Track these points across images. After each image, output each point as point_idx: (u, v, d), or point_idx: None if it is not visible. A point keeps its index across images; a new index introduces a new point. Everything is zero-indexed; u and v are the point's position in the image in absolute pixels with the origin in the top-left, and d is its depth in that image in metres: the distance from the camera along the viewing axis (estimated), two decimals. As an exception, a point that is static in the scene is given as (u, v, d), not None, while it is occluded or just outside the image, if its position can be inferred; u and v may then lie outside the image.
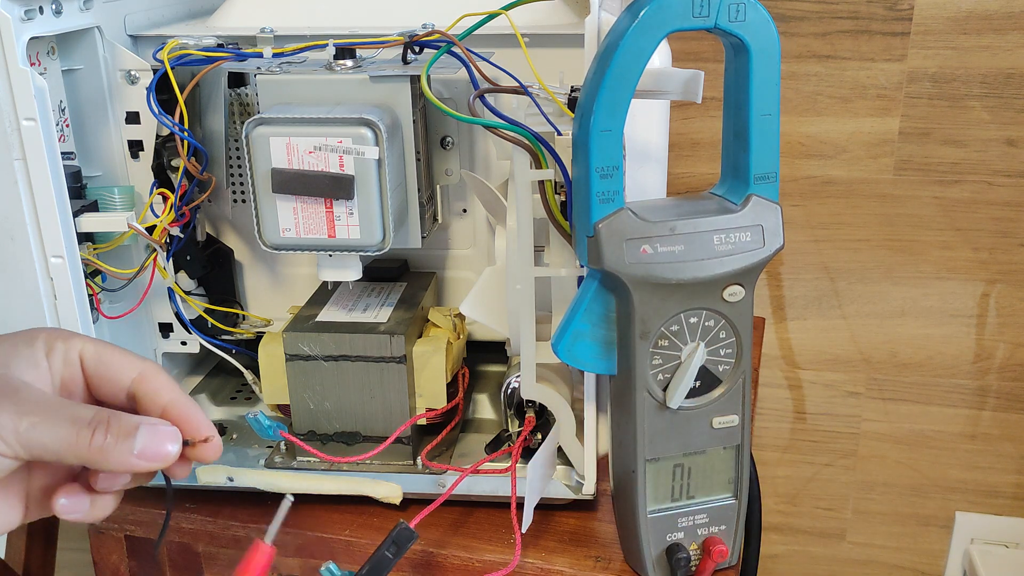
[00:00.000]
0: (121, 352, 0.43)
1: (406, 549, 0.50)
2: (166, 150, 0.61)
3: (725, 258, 0.49)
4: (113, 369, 0.42)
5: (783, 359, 1.11)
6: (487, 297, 0.58)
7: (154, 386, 0.42)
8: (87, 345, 0.43)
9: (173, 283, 0.64)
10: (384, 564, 0.49)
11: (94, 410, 0.39)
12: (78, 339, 0.43)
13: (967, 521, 1.13)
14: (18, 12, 0.50)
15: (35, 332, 0.42)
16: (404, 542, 0.50)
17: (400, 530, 0.50)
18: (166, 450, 0.40)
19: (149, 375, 0.42)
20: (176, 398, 0.42)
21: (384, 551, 0.49)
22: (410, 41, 0.56)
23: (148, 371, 0.42)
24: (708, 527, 0.55)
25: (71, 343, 0.42)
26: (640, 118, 0.58)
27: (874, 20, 0.96)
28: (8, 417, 0.37)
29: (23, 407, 0.38)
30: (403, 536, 0.50)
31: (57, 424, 0.38)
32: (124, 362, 0.42)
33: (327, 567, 0.49)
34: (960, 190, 1.00)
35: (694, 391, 0.52)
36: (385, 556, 0.49)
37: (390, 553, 0.49)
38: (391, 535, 0.50)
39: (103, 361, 0.42)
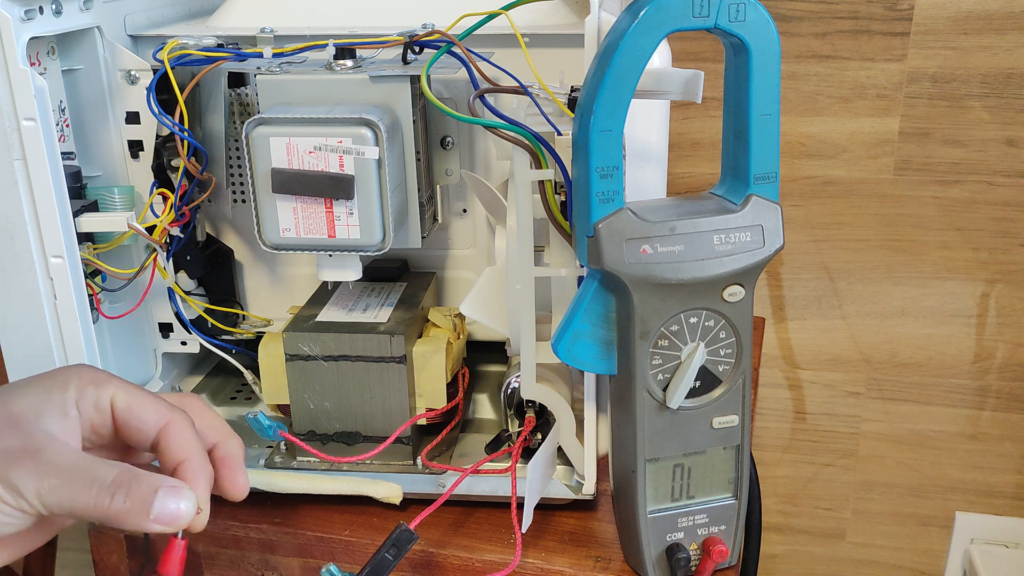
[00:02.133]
0: (152, 400, 0.44)
1: (406, 551, 0.50)
2: (166, 150, 0.61)
3: (725, 258, 0.49)
4: (141, 418, 0.44)
5: (783, 359, 1.11)
6: (487, 297, 0.58)
7: (177, 441, 0.44)
8: (119, 392, 0.44)
9: (173, 283, 0.64)
10: (384, 566, 0.49)
11: (115, 471, 0.40)
12: (111, 385, 0.44)
13: (967, 521, 1.13)
14: (18, 12, 0.50)
15: (68, 376, 0.44)
16: (404, 544, 0.50)
17: (400, 532, 0.50)
18: (181, 517, 0.41)
19: (174, 428, 0.44)
20: (191, 458, 0.43)
21: (384, 553, 0.49)
22: (410, 41, 0.56)
23: (174, 423, 0.44)
24: (708, 527, 0.55)
25: (103, 389, 0.43)
26: (640, 118, 0.58)
27: (874, 20, 0.96)
28: (30, 477, 0.39)
29: (45, 467, 0.39)
30: (403, 538, 0.50)
31: (77, 486, 0.39)
32: (152, 412, 0.44)
33: (328, 569, 0.49)
34: (960, 190, 1.00)
35: (694, 391, 0.52)
36: (385, 558, 0.49)
37: (390, 555, 0.49)
38: (391, 537, 0.50)
39: (132, 410, 0.44)
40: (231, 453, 0.47)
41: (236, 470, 0.47)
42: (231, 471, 0.47)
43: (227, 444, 0.47)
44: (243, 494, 0.47)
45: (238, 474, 0.47)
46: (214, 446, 0.47)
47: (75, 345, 0.56)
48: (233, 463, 0.47)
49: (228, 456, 0.47)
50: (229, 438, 0.48)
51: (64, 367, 0.45)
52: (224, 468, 0.47)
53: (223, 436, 0.48)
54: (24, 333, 0.55)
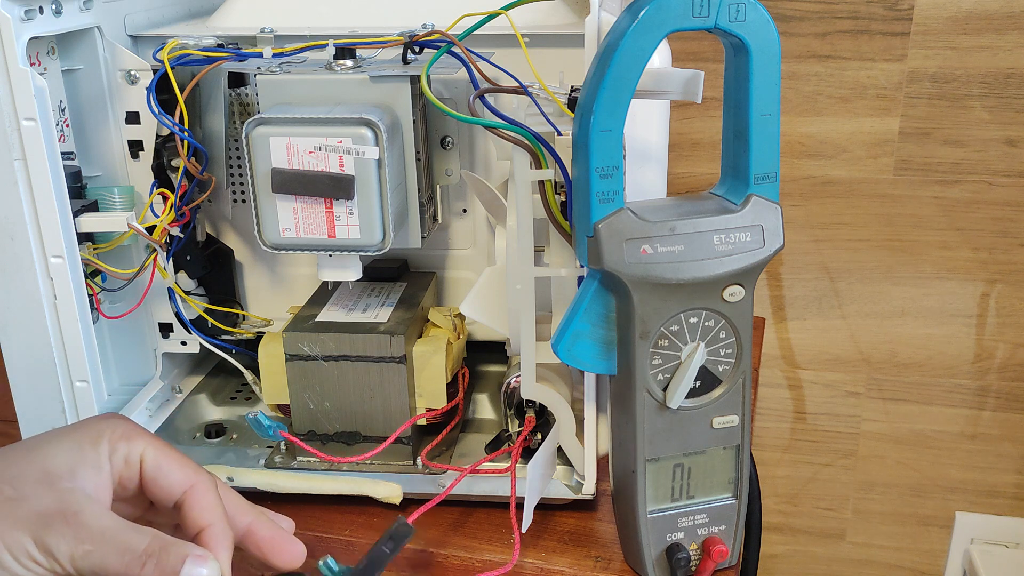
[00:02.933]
0: (179, 461, 0.45)
1: (403, 544, 0.50)
2: (166, 150, 0.61)
3: (725, 258, 0.49)
4: (168, 478, 0.44)
5: (783, 359, 1.11)
6: (487, 297, 0.58)
7: (200, 505, 0.44)
8: (148, 449, 0.44)
9: (173, 283, 0.64)
10: (381, 559, 0.49)
11: (147, 539, 0.41)
12: (140, 440, 0.44)
13: (967, 521, 1.13)
14: (18, 12, 0.50)
15: (101, 429, 0.44)
16: (401, 538, 0.49)
17: (398, 526, 0.50)
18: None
19: (199, 492, 0.44)
20: (214, 524, 0.44)
21: (381, 547, 0.49)
22: (410, 41, 0.56)
23: (199, 487, 0.44)
24: (708, 527, 0.55)
25: (134, 445, 0.44)
26: (640, 118, 0.58)
27: (874, 20, 0.96)
28: (65, 541, 0.39)
29: (81, 532, 0.40)
30: (401, 532, 0.49)
31: (110, 553, 0.40)
32: (179, 473, 0.44)
33: (325, 562, 0.49)
34: (960, 190, 1.00)
35: (694, 391, 0.52)
36: (382, 551, 0.49)
37: (387, 548, 0.49)
38: (389, 531, 0.49)
39: (161, 469, 0.44)
40: (273, 529, 0.47)
41: (288, 541, 0.47)
42: (281, 546, 0.47)
43: (261, 520, 0.47)
44: (302, 559, 0.47)
45: (292, 544, 0.47)
46: (249, 526, 0.47)
47: (75, 345, 0.56)
48: (279, 536, 0.47)
49: (273, 533, 0.47)
50: (260, 515, 0.48)
51: (96, 418, 0.46)
52: (274, 544, 0.47)
53: (254, 514, 0.47)
54: (24, 333, 0.55)
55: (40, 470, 0.41)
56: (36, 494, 0.40)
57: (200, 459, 0.62)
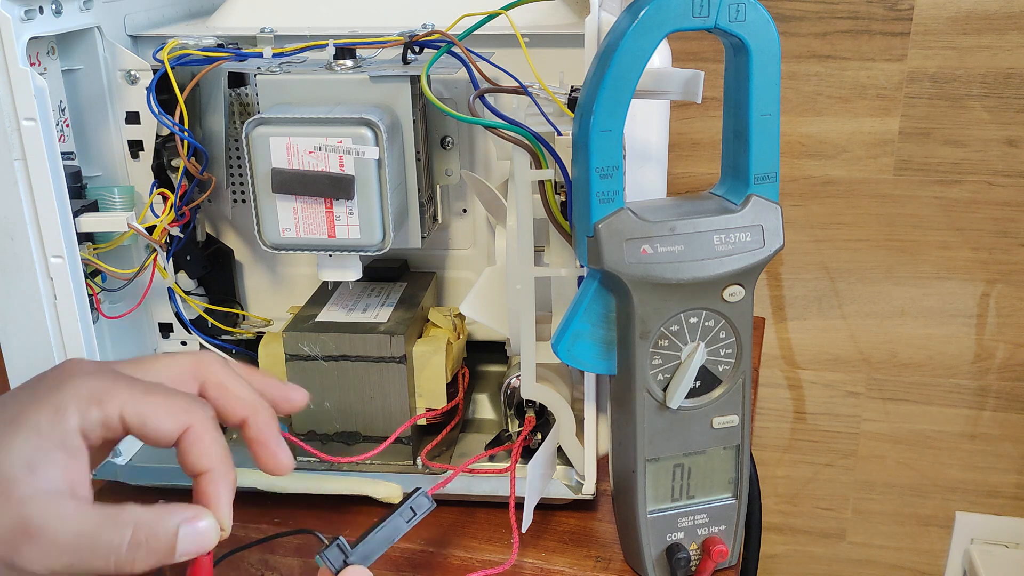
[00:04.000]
0: (165, 405, 0.39)
1: (421, 517, 0.47)
2: (166, 150, 0.61)
3: (725, 258, 0.49)
4: (159, 428, 0.39)
5: (783, 359, 1.11)
6: (487, 297, 0.58)
7: (196, 450, 0.40)
8: (127, 405, 0.38)
9: (173, 283, 0.64)
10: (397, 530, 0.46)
11: (127, 531, 0.37)
12: (116, 397, 0.38)
13: (967, 521, 1.13)
14: (18, 12, 0.50)
15: (63, 398, 0.38)
16: (420, 510, 0.47)
17: (418, 496, 0.46)
18: (206, 544, 0.39)
19: (193, 436, 0.40)
20: (214, 469, 0.40)
21: (399, 516, 0.46)
22: (410, 41, 0.56)
23: (194, 429, 0.40)
24: (708, 527, 0.55)
25: (108, 406, 0.38)
26: (640, 118, 0.58)
27: (874, 20, 0.96)
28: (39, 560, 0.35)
29: (52, 548, 0.36)
30: (420, 504, 0.47)
31: (92, 558, 0.36)
32: (168, 419, 0.39)
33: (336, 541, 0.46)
34: (960, 190, 1.00)
35: (694, 391, 0.52)
36: (400, 522, 0.46)
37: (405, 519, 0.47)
38: (408, 501, 0.46)
39: (148, 423, 0.39)
40: (263, 430, 0.43)
41: (274, 448, 0.43)
42: (267, 450, 0.43)
43: (257, 419, 0.43)
44: (288, 469, 0.43)
45: (277, 451, 0.43)
46: (243, 423, 0.43)
47: (75, 345, 0.56)
48: (268, 441, 0.43)
49: (261, 435, 0.43)
50: (257, 411, 0.43)
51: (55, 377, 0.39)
52: (259, 447, 0.43)
53: (251, 409, 0.43)
54: (24, 333, 0.55)
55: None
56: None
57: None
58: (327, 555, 0.44)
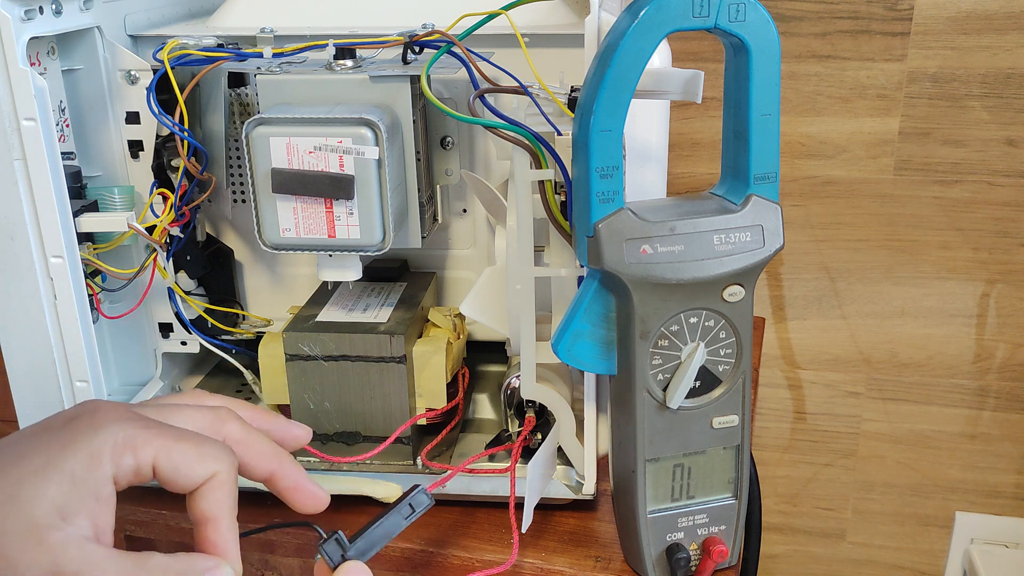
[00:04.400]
0: (196, 452, 0.40)
1: (420, 514, 0.47)
2: (166, 150, 0.61)
3: (725, 258, 0.49)
4: (189, 476, 0.40)
5: (783, 359, 1.11)
6: (487, 297, 0.58)
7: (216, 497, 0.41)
8: (160, 452, 0.39)
9: (173, 283, 0.64)
10: (395, 527, 0.46)
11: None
12: (150, 446, 0.39)
13: (967, 521, 1.13)
14: (18, 12, 0.50)
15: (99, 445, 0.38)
16: (419, 506, 0.47)
17: (417, 493, 0.47)
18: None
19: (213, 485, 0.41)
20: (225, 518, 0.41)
21: (398, 513, 0.47)
22: (410, 41, 0.56)
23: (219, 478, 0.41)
24: (708, 527, 0.55)
25: (142, 454, 0.39)
26: (640, 118, 0.58)
27: (874, 20, 0.96)
28: None
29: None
30: (419, 500, 0.47)
31: None
32: (199, 466, 0.40)
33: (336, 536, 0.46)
34: (960, 190, 1.00)
35: (694, 391, 0.52)
36: (398, 519, 0.47)
37: (403, 515, 0.47)
38: (406, 498, 0.47)
39: (180, 471, 0.40)
40: (294, 476, 0.45)
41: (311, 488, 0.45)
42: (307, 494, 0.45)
43: (284, 469, 0.44)
44: (325, 504, 0.45)
45: (316, 491, 0.45)
46: (272, 475, 0.44)
47: (75, 345, 0.56)
48: (304, 484, 0.45)
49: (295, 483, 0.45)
50: (283, 462, 0.45)
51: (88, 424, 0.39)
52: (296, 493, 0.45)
53: (276, 462, 0.44)
54: (24, 333, 0.55)
55: (26, 522, 0.36)
56: (25, 556, 0.36)
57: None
58: (325, 549, 0.44)
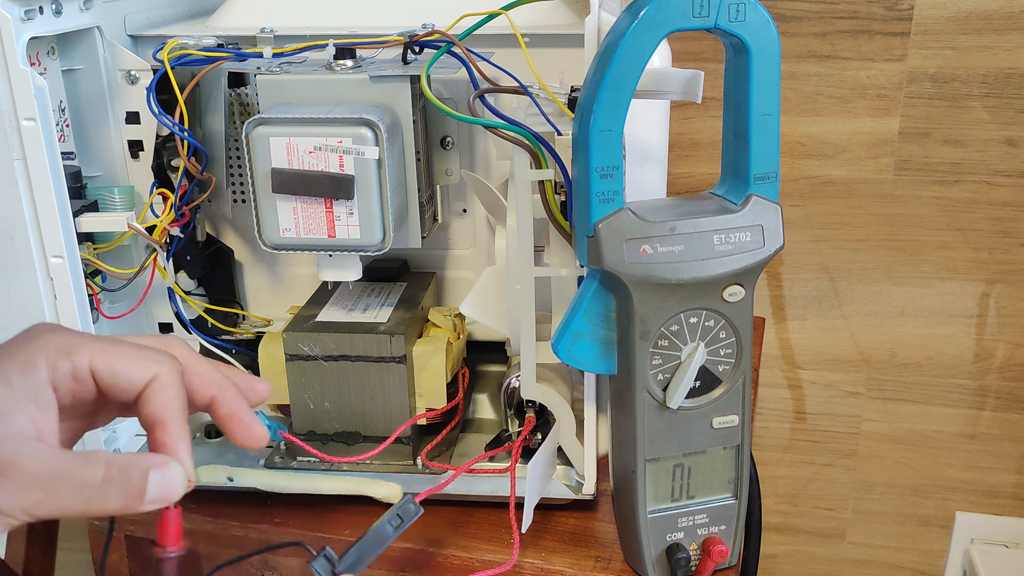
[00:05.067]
0: (134, 356, 0.40)
1: (409, 524, 0.48)
2: (166, 150, 0.61)
3: (725, 258, 0.49)
4: (129, 378, 0.40)
5: (783, 359, 1.11)
6: (487, 297, 0.58)
7: (157, 399, 0.40)
8: (96, 356, 0.39)
9: (173, 283, 0.64)
10: (384, 538, 0.47)
11: (101, 469, 0.38)
12: (86, 351, 0.39)
13: (967, 521, 1.13)
14: (18, 12, 0.50)
15: (34, 352, 0.39)
16: (408, 517, 0.48)
17: (405, 503, 0.47)
18: (175, 493, 0.39)
19: (157, 386, 0.40)
20: (171, 421, 0.40)
21: (387, 524, 0.47)
22: (410, 41, 0.56)
23: (160, 379, 0.40)
24: (708, 527, 0.55)
25: (78, 357, 0.39)
26: (640, 118, 0.58)
27: (874, 20, 0.95)
28: (10, 496, 0.36)
29: (24, 482, 0.37)
30: (408, 510, 0.48)
31: (65, 494, 0.37)
32: (137, 368, 0.40)
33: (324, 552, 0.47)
34: (960, 190, 1.00)
35: (694, 391, 0.52)
36: (387, 529, 0.47)
37: (392, 525, 0.47)
38: (395, 508, 0.47)
39: (117, 372, 0.40)
40: (233, 404, 0.43)
41: (247, 420, 0.43)
42: (242, 425, 0.43)
43: (226, 395, 0.43)
44: (264, 440, 0.43)
45: (251, 423, 0.43)
46: (213, 400, 0.43)
47: (75, 345, 0.56)
48: (241, 414, 0.43)
49: (233, 411, 0.43)
50: (225, 388, 0.43)
51: (25, 339, 0.40)
52: (233, 422, 0.43)
53: (218, 387, 0.43)
54: (24, 333, 0.55)
55: None
56: None
57: (200, 459, 0.63)
58: (315, 566, 0.45)
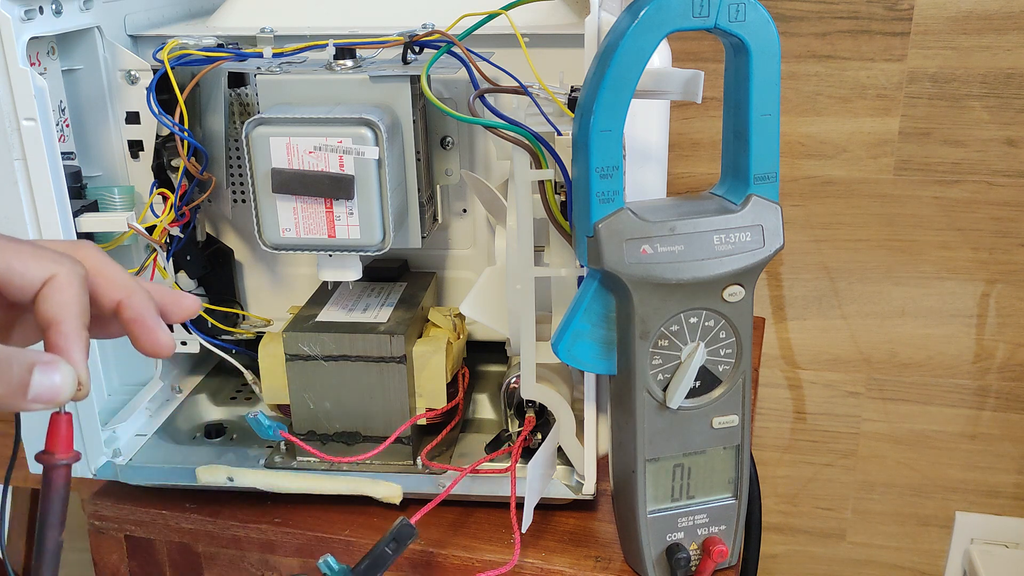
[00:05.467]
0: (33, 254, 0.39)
1: (406, 546, 0.49)
2: (166, 150, 0.61)
3: (725, 258, 0.49)
4: (24, 274, 0.38)
5: (783, 359, 1.11)
6: (487, 297, 0.58)
7: (52, 299, 0.38)
8: None
9: (173, 283, 0.64)
10: (383, 560, 0.49)
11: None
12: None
13: (967, 521, 1.13)
14: (18, 12, 0.50)
15: None
16: (404, 538, 0.49)
17: (400, 526, 0.50)
18: (62, 394, 0.37)
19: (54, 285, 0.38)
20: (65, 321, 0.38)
21: (384, 547, 0.49)
22: (410, 41, 0.56)
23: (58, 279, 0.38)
24: (708, 527, 0.55)
25: None
26: (640, 118, 0.58)
27: (874, 20, 0.95)
28: None
29: None
30: (404, 532, 0.49)
31: None
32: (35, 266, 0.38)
33: (325, 560, 0.49)
34: (960, 190, 1.00)
35: (694, 391, 0.52)
36: (385, 552, 0.49)
37: (390, 549, 0.49)
38: (392, 531, 0.49)
39: (13, 267, 0.38)
40: (139, 310, 0.41)
41: (151, 324, 0.41)
42: (146, 329, 0.41)
43: (132, 300, 0.41)
44: (168, 350, 0.42)
45: (156, 331, 0.41)
46: (119, 305, 0.41)
47: (75, 345, 0.55)
48: (145, 318, 0.41)
49: (137, 315, 0.41)
50: (133, 292, 0.41)
51: None
52: (137, 326, 0.41)
53: (126, 291, 0.41)
54: (24, 333, 0.55)
55: None
56: None
57: (200, 459, 0.63)
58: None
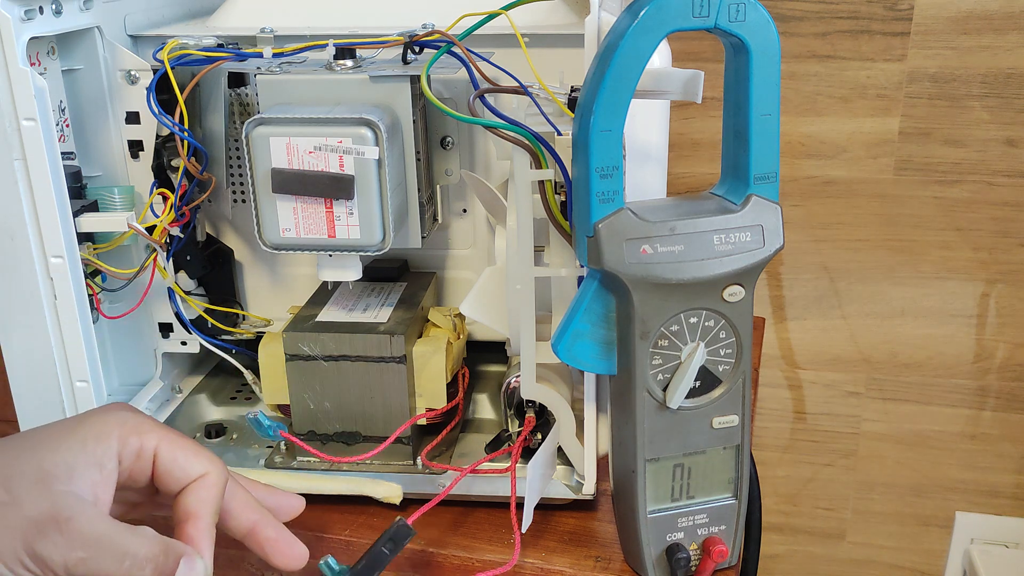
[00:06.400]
0: (194, 450, 0.44)
1: (403, 545, 0.49)
2: (166, 150, 0.61)
3: (725, 258, 0.49)
4: (185, 469, 0.44)
5: (783, 359, 1.11)
6: (487, 297, 0.58)
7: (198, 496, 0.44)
8: (163, 442, 0.43)
9: (173, 283, 0.64)
10: (381, 560, 0.49)
11: (146, 545, 0.41)
12: (154, 434, 0.43)
13: (967, 521, 1.13)
14: (18, 12, 0.50)
15: (109, 426, 0.43)
16: (401, 539, 0.49)
17: (398, 526, 0.50)
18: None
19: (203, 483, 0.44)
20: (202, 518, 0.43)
21: (381, 547, 0.49)
22: (410, 41, 0.56)
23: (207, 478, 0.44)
24: (708, 527, 0.55)
25: (147, 438, 0.43)
26: (640, 118, 0.58)
27: (874, 20, 0.96)
28: (58, 550, 0.39)
29: (75, 539, 0.39)
30: (401, 532, 0.49)
31: (107, 560, 0.40)
32: (195, 463, 0.44)
33: (325, 561, 0.49)
34: (960, 190, 1.00)
35: (694, 391, 0.52)
36: (382, 552, 0.49)
37: (387, 549, 0.49)
38: (389, 531, 0.49)
39: (176, 461, 0.44)
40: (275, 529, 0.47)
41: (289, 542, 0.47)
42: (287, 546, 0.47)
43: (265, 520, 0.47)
44: (304, 561, 0.47)
45: (293, 546, 0.47)
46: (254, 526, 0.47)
47: (75, 345, 0.56)
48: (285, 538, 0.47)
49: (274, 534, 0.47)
50: (266, 513, 0.47)
51: (104, 411, 0.44)
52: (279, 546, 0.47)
53: (260, 511, 0.47)
54: (24, 333, 0.55)
55: (37, 470, 0.40)
56: (30, 497, 0.39)
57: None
58: None
